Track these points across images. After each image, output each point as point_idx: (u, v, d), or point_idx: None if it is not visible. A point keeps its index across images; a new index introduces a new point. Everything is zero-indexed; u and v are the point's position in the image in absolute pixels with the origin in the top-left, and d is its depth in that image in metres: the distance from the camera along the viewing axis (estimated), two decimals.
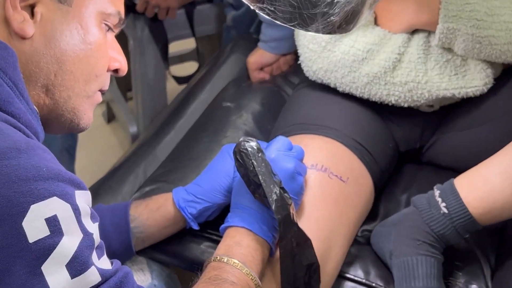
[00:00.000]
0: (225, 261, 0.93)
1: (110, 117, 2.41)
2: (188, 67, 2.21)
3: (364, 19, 0.87)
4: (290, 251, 0.96)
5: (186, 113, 1.56)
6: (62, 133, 0.87)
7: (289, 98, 1.43)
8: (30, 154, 0.70)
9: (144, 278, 1.12)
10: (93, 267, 0.70)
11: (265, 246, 0.99)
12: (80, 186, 0.73)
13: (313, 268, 0.97)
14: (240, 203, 1.00)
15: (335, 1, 0.83)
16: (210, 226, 1.13)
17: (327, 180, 1.13)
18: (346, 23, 0.86)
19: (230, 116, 1.43)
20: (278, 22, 0.86)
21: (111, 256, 0.78)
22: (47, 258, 0.68)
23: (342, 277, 1.14)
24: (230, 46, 1.74)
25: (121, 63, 0.88)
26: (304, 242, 0.97)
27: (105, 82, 0.86)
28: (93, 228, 0.73)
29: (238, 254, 0.95)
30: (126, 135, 2.20)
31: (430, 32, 1.23)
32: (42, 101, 0.81)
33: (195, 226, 1.09)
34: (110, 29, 0.86)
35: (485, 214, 1.08)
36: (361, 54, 1.23)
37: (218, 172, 1.08)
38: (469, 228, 1.10)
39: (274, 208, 0.95)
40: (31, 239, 0.67)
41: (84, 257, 0.70)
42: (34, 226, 0.67)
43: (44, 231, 0.68)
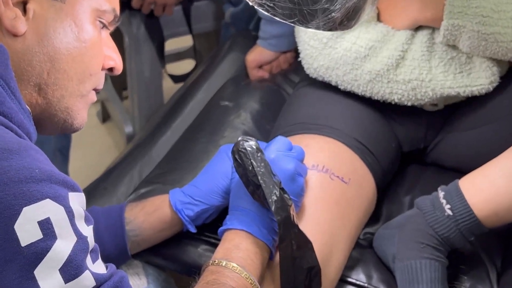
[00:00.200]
0: (223, 264, 0.93)
1: (105, 117, 2.41)
2: (185, 65, 2.21)
3: (366, 16, 0.87)
4: (290, 254, 0.96)
5: (183, 112, 1.56)
6: (55, 133, 0.87)
7: (289, 97, 1.43)
8: (22, 155, 0.70)
9: (140, 282, 1.12)
10: (87, 272, 0.70)
11: (264, 249, 0.99)
12: (73, 188, 0.73)
13: (313, 271, 0.97)
14: (238, 205, 1.00)
15: None
16: (208, 228, 1.13)
17: (329, 181, 1.13)
18: (347, 20, 0.86)
19: (228, 115, 1.43)
20: (278, 19, 0.86)
21: (106, 260, 0.78)
22: (40, 262, 0.67)
23: (343, 281, 1.14)
24: (228, 44, 1.74)
25: (116, 62, 0.88)
26: (304, 244, 0.97)
27: (99, 81, 0.86)
28: (87, 231, 0.73)
29: (237, 257, 0.94)
30: (121, 136, 2.20)
31: (434, 28, 1.23)
32: (35, 100, 0.80)
33: (192, 229, 1.09)
34: (104, 26, 0.86)
35: (490, 216, 1.08)
36: (363, 51, 1.23)
37: (216, 173, 1.08)
38: (474, 230, 1.10)
39: (273, 209, 0.95)
40: (24, 243, 0.67)
41: (78, 261, 0.70)
42: (26, 229, 0.67)
43: (36, 235, 0.68)
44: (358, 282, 1.14)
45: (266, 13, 0.86)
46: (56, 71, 0.80)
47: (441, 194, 1.12)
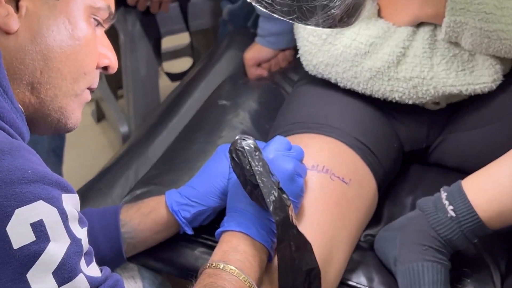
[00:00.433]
0: (221, 267, 0.93)
1: (100, 116, 2.41)
2: (182, 63, 2.20)
3: (366, 12, 0.87)
4: (289, 256, 0.96)
5: (180, 112, 1.56)
6: (48, 133, 0.87)
7: (288, 96, 1.43)
8: (14, 156, 0.70)
9: (135, 286, 1.12)
10: (81, 275, 0.70)
11: (263, 252, 0.99)
12: (67, 189, 0.73)
13: (313, 273, 0.97)
14: (236, 206, 1.00)
15: None
16: (205, 230, 1.13)
17: (329, 181, 1.13)
18: (347, 17, 0.87)
19: (226, 115, 1.43)
20: (276, 16, 0.86)
21: (101, 262, 0.78)
22: (33, 265, 0.68)
23: (344, 284, 1.14)
24: (226, 41, 1.74)
25: (111, 60, 0.88)
26: (303, 246, 0.97)
27: (94, 79, 0.86)
28: (81, 233, 0.73)
29: (235, 260, 0.94)
30: (116, 135, 2.19)
31: (436, 25, 1.23)
32: (28, 99, 0.80)
33: (189, 231, 1.09)
34: (99, 24, 0.86)
35: (494, 217, 1.09)
36: (363, 48, 1.23)
37: (214, 174, 1.08)
38: (477, 232, 1.10)
39: (271, 209, 0.95)
40: (16, 245, 0.67)
41: (71, 264, 0.70)
42: (18, 231, 0.67)
43: (29, 237, 0.68)
44: (359, 285, 1.14)
45: (264, 10, 0.86)
46: (49, 70, 0.80)
47: (443, 195, 1.12)
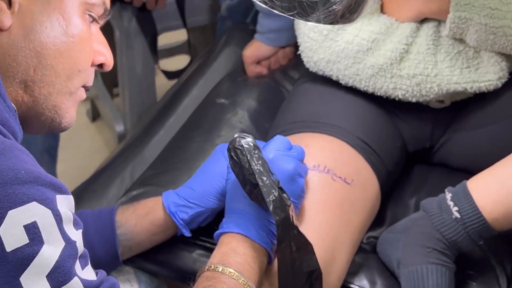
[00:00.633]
0: (220, 270, 0.93)
1: (95, 115, 2.41)
2: (179, 61, 2.20)
3: (369, 8, 0.87)
4: (289, 257, 0.95)
5: (177, 110, 1.56)
6: (42, 133, 0.87)
7: (288, 94, 1.43)
8: (7, 156, 0.70)
9: None
10: (76, 278, 0.70)
11: (262, 254, 0.98)
12: (61, 190, 0.72)
13: (314, 275, 0.97)
14: (235, 207, 1.00)
15: None
16: (203, 232, 1.12)
17: (330, 182, 1.13)
18: (349, 12, 0.86)
19: (224, 113, 1.43)
20: (276, 12, 0.86)
21: (96, 265, 0.78)
22: (26, 268, 0.67)
23: (346, 287, 1.14)
24: (224, 38, 1.74)
25: (106, 57, 0.88)
26: (304, 246, 0.96)
27: (88, 77, 0.86)
28: (76, 235, 0.73)
29: (234, 262, 0.94)
30: (112, 135, 2.19)
31: (440, 21, 1.23)
32: (21, 98, 0.80)
33: (187, 233, 1.09)
34: (94, 20, 0.86)
35: (500, 219, 1.09)
36: (365, 44, 1.23)
37: (212, 174, 1.07)
38: (483, 234, 1.10)
39: (271, 209, 0.94)
40: (9, 248, 0.67)
41: (66, 267, 0.69)
42: (12, 233, 0.67)
43: (22, 239, 0.67)
44: None
45: (264, 5, 0.86)
46: (43, 67, 0.80)
47: (448, 195, 1.12)
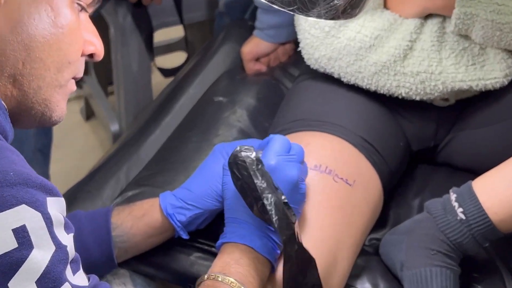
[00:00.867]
0: (220, 279, 0.92)
1: (89, 114, 2.41)
2: (175, 58, 2.20)
3: (371, 3, 0.87)
4: (294, 274, 0.95)
5: (174, 109, 1.56)
6: (33, 127, 0.86)
7: (288, 92, 1.43)
8: None
9: None
10: (66, 284, 0.70)
11: (266, 265, 0.98)
12: (52, 192, 0.72)
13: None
14: (236, 218, 0.99)
15: None
16: (201, 235, 1.12)
17: (332, 183, 1.12)
18: (351, 7, 0.86)
19: (222, 112, 1.43)
20: (276, 7, 0.86)
21: (91, 268, 0.77)
22: (15, 273, 0.67)
23: None
24: (222, 35, 1.74)
25: (96, 47, 0.87)
26: (308, 262, 0.96)
27: (79, 68, 0.85)
28: (67, 239, 0.72)
29: (237, 273, 0.94)
30: (106, 134, 2.19)
31: (445, 17, 1.23)
32: (10, 92, 0.80)
33: (185, 235, 1.09)
34: (83, 9, 0.85)
35: (506, 220, 1.08)
36: (368, 41, 1.23)
37: (210, 175, 1.07)
38: (489, 236, 1.10)
39: (277, 227, 0.94)
40: None
41: (56, 272, 0.69)
42: (0, 237, 0.67)
43: (11, 243, 0.67)
44: None
45: (263, 1, 0.85)
46: (31, 61, 0.79)
47: (452, 196, 1.12)
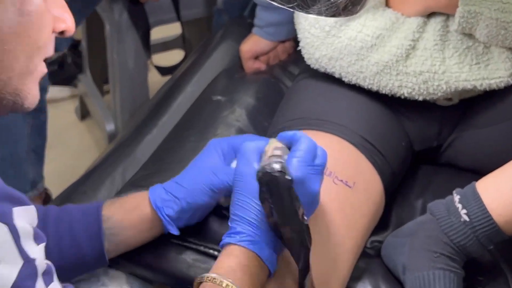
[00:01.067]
0: (224, 286, 0.90)
1: (84, 113, 2.41)
2: (173, 56, 2.21)
3: (372, 0, 0.87)
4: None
5: (171, 108, 1.56)
6: (4, 114, 0.83)
7: (288, 91, 1.43)
8: None
9: None
10: None
11: (266, 275, 0.97)
12: (19, 201, 0.71)
13: None
14: (247, 218, 0.96)
15: None
16: (199, 236, 1.12)
17: (331, 186, 1.12)
18: (352, 4, 0.86)
19: (221, 111, 1.43)
20: (276, 4, 0.86)
21: (82, 262, 0.75)
22: None
23: None
24: (221, 32, 1.74)
25: (67, 23, 0.84)
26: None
27: (49, 49, 0.83)
28: (36, 251, 0.71)
29: (240, 280, 0.92)
30: (102, 134, 2.20)
31: (448, 15, 1.23)
32: None
33: (174, 231, 1.06)
34: None
35: (511, 222, 1.08)
36: (370, 40, 1.23)
37: (202, 169, 1.05)
38: (493, 238, 1.10)
39: (294, 256, 0.94)
40: None
41: (25, 287, 0.68)
42: None
43: None
44: None
45: None
46: (0, 53, 0.77)
47: (456, 197, 1.12)
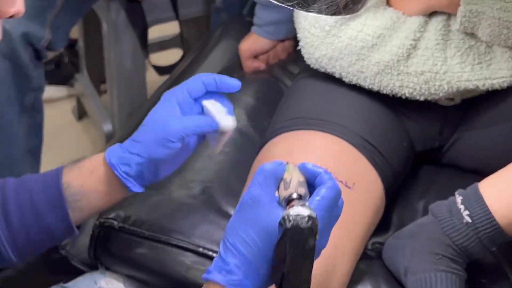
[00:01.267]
0: None
1: (81, 113, 2.40)
2: (171, 55, 2.20)
3: None
4: None
5: None
6: None
7: (287, 90, 1.43)
8: None
9: None
10: None
11: None
12: None
13: None
14: (247, 256, 0.85)
15: None
16: (197, 236, 1.12)
17: None
18: (353, 3, 0.86)
19: None
20: (275, 2, 0.86)
21: (50, 236, 0.70)
22: None
23: None
24: (219, 31, 1.74)
25: (17, 7, 0.79)
26: None
27: None
28: None
29: None
30: (99, 134, 2.19)
31: (450, 15, 1.23)
32: None
33: (136, 188, 1.02)
34: None
35: None
36: (370, 40, 1.23)
37: (156, 122, 1.02)
38: (496, 239, 1.10)
39: None
40: None
41: None
42: None
43: None
44: None
45: None
46: None
47: (458, 199, 1.12)
